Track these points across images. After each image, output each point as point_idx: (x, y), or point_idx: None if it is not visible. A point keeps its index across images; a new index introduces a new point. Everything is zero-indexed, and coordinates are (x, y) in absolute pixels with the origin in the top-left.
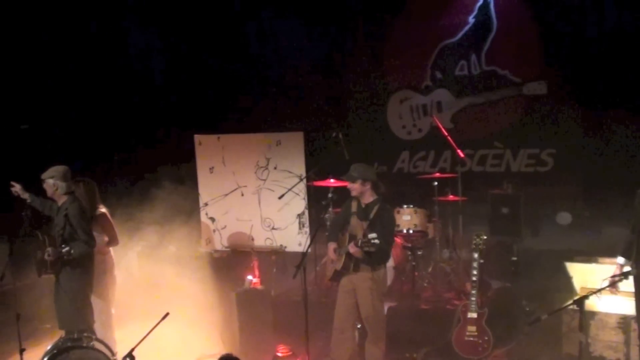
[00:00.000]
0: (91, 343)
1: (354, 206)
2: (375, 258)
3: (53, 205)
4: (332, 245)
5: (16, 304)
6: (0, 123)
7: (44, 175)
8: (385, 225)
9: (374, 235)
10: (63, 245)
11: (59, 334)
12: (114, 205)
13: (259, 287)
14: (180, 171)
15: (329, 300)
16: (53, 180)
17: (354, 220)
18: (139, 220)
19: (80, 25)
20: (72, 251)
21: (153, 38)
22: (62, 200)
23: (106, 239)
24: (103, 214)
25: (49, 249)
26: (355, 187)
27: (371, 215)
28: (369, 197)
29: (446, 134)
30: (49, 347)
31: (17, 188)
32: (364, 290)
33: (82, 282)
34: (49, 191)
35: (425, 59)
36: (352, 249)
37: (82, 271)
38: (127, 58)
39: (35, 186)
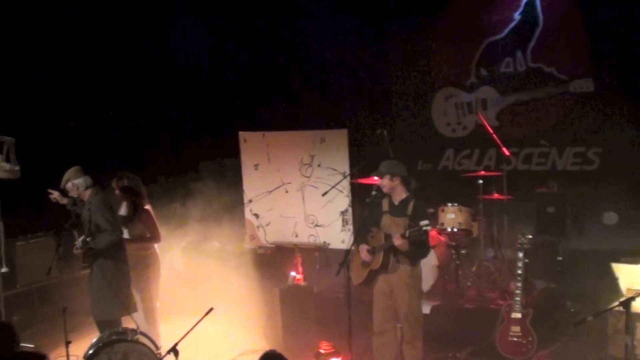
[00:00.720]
0: (136, 337)
1: (385, 205)
2: (418, 251)
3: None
4: (364, 247)
5: (62, 298)
6: (47, 120)
7: (62, 185)
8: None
9: (426, 222)
10: (88, 238)
11: None
12: (158, 202)
13: (302, 283)
14: (224, 168)
15: (372, 297)
16: (70, 183)
17: (386, 219)
18: (183, 217)
19: (125, 21)
20: (95, 241)
21: (199, 34)
22: (86, 195)
23: (148, 235)
24: (146, 211)
25: (77, 242)
26: (384, 183)
27: (409, 211)
28: (401, 193)
29: (491, 131)
30: (94, 340)
31: (55, 195)
32: (402, 289)
33: (115, 274)
34: (74, 194)
35: (471, 56)
36: (398, 241)
37: (113, 263)
38: (172, 54)
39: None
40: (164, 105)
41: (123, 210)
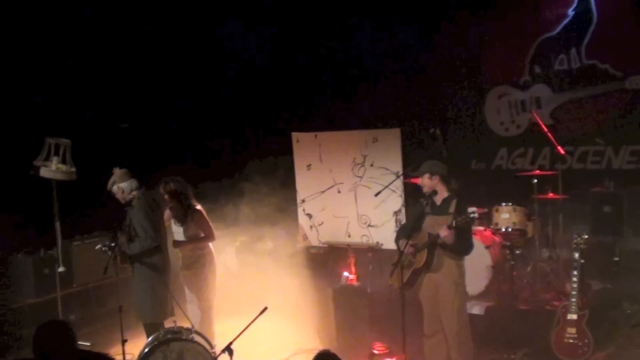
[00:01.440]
0: (191, 335)
1: (426, 207)
2: (463, 244)
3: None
4: (404, 241)
5: (118, 297)
6: (101, 122)
7: (108, 187)
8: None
9: (473, 209)
10: (113, 244)
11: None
12: (213, 202)
13: (356, 283)
14: (276, 168)
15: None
16: (116, 186)
17: (428, 220)
18: (237, 217)
19: (179, 20)
20: (129, 247)
21: (254, 36)
22: (131, 199)
23: (202, 235)
24: (197, 211)
25: (106, 244)
26: (424, 182)
27: (451, 209)
28: (442, 193)
29: (546, 130)
30: (149, 339)
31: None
32: (447, 287)
33: (152, 279)
34: (119, 197)
35: (524, 53)
36: (444, 232)
37: (149, 267)
38: (226, 55)
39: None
40: (218, 106)
41: (170, 214)
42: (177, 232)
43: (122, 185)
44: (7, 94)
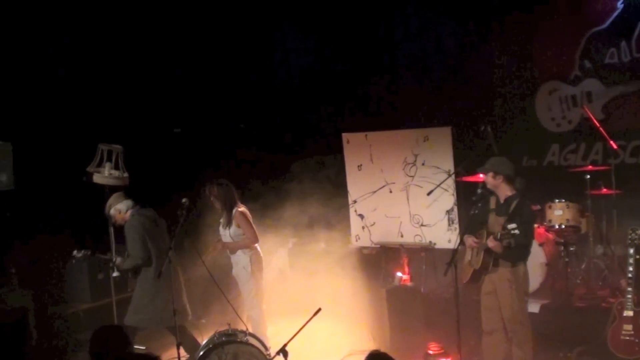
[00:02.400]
0: (245, 338)
1: (492, 203)
2: (514, 253)
3: None
4: (470, 237)
5: (173, 300)
6: (154, 127)
7: (106, 212)
8: (525, 221)
9: (513, 225)
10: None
11: (214, 328)
12: (264, 203)
13: (409, 283)
14: (327, 169)
15: (480, 297)
16: (113, 209)
17: (492, 218)
18: (289, 218)
19: (228, 25)
20: (118, 263)
21: (301, 39)
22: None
23: (245, 237)
24: (239, 213)
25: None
26: (488, 180)
27: (510, 210)
28: (506, 192)
29: (598, 125)
30: (204, 342)
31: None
32: (503, 290)
33: (155, 289)
34: (119, 219)
35: (574, 48)
36: (491, 243)
37: (146, 278)
38: (272, 55)
39: (189, 190)
40: (268, 107)
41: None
42: (224, 234)
43: (118, 207)
44: (61, 100)
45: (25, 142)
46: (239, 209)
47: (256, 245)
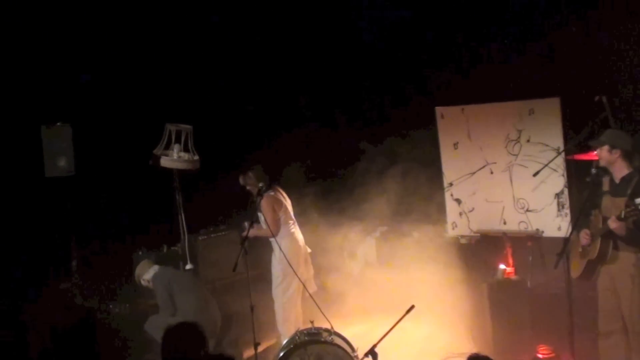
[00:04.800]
0: (330, 337)
1: (605, 184)
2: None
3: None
4: (585, 232)
5: (250, 295)
6: (226, 104)
7: (137, 281)
8: None
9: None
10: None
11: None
12: (347, 186)
13: (514, 277)
14: (419, 148)
15: (597, 294)
16: (142, 280)
17: (606, 200)
18: (376, 204)
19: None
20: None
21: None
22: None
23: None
24: (263, 199)
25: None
26: (602, 155)
27: (629, 190)
28: (622, 170)
29: None
30: (284, 342)
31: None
32: (625, 283)
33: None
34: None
35: None
36: (613, 223)
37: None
38: (355, 29)
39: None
40: (351, 80)
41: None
42: (262, 221)
43: (146, 277)
44: (124, 78)
45: (87, 124)
46: (267, 194)
47: (292, 230)
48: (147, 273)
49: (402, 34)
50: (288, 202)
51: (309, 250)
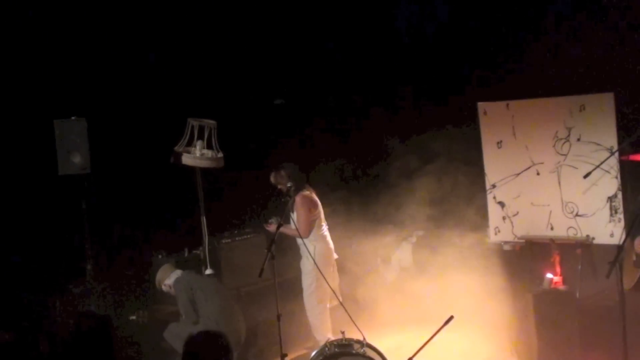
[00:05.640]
0: (362, 349)
1: None
2: None
3: None
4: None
5: (277, 303)
6: (253, 98)
7: (157, 287)
8: None
9: None
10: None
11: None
12: (383, 186)
13: (561, 287)
14: (458, 146)
15: None
16: (164, 286)
17: None
18: (412, 206)
19: None
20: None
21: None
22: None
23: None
24: (297, 198)
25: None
26: None
27: None
28: None
29: None
30: (313, 354)
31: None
32: None
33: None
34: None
35: None
36: None
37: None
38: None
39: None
40: (387, 72)
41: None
42: (292, 221)
43: (167, 282)
44: (143, 69)
45: (103, 118)
46: (303, 193)
47: (325, 233)
48: (169, 278)
49: (442, 24)
50: (319, 204)
51: (336, 256)
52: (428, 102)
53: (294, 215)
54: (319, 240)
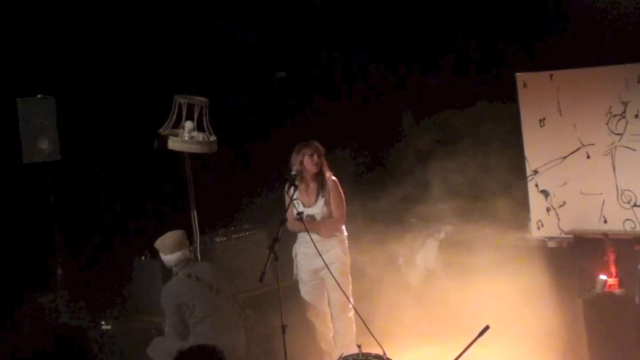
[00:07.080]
0: None
1: None
2: None
3: None
4: None
5: (281, 312)
6: (255, 71)
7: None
8: None
9: None
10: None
11: None
12: (402, 172)
13: (617, 290)
14: (495, 124)
15: None
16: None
17: None
18: (438, 196)
19: None
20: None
21: None
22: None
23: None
24: (333, 181)
25: None
26: None
27: None
28: None
29: None
30: None
31: None
32: None
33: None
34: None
35: None
36: None
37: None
38: None
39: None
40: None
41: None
42: (308, 212)
43: (164, 259)
44: (121, 39)
45: (75, 96)
46: (332, 178)
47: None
48: (166, 256)
49: None
50: None
51: None
52: (465, 76)
53: (318, 205)
54: (343, 232)
